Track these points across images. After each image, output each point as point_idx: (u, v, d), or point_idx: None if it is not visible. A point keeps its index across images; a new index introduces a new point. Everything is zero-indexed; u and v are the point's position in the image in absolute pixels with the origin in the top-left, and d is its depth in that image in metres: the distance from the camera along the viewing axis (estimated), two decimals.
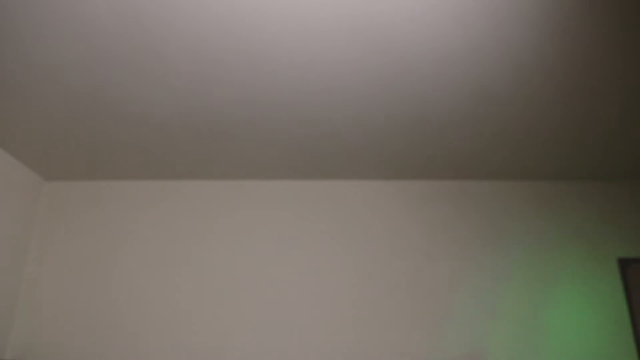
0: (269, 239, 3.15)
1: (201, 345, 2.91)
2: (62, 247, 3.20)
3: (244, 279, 3.06)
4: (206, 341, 2.92)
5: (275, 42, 2.07)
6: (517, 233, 3.10)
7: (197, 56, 2.16)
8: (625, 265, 2.97)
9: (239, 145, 2.88)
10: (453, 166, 3.07)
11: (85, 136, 2.83)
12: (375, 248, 3.11)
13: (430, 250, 3.09)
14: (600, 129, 2.63)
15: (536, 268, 3.00)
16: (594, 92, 2.33)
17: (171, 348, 2.91)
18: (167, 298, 3.03)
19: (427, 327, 2.90)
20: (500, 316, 2.90)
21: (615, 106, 2.43)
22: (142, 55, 2.16)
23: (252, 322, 2.95)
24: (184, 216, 3.23)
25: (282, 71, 2.24)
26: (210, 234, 3.18)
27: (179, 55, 2.15)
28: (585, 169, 3.06)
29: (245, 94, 2.41)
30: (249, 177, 3.27)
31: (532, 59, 2.12)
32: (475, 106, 2.46)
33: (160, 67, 2.23)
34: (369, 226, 3.17)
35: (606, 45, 2.03)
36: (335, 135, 2.76)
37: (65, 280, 3.11)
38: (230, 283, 3.05)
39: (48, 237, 3.24)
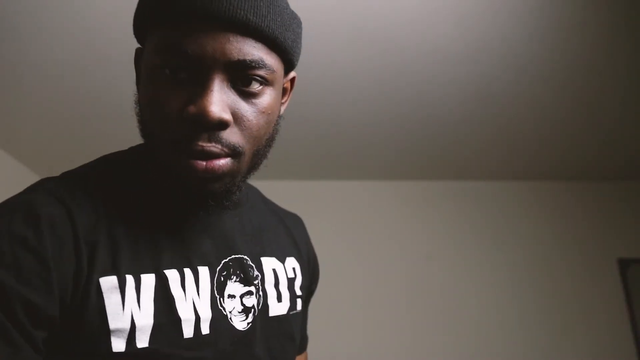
0: None
1: None
2: None
3: None
4: None
5: None
6: (517, 233, 3.10)
7: None
8: (625, 265, 2.97)
9: None
10: (453, 166, 3.07)
11: (85, 136, 2.83)
12: (374, 248, 3.11)
13: (429, 250, 3.09)
14: (599, 130, 2.63)
15: (536, 268, 3.00)
16: (594, 93, 2.33)
17: None
18: None
19: (426, 327, 2.90)
20: (500, 316, 2.90)
21: (615, 107, 2.43)
22: None
23: None
24: None
25: None
26: None
27: None
28: (585, 169, 3.06)
29: None
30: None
31: (532, 60, 2.12)
32: (475, 107, 2.46)
33: None
34: (369, 226, 3.17)
35: (606, 46, 2.03)
36: (336, 135, 2.76)
37: None
38: None
39: None
